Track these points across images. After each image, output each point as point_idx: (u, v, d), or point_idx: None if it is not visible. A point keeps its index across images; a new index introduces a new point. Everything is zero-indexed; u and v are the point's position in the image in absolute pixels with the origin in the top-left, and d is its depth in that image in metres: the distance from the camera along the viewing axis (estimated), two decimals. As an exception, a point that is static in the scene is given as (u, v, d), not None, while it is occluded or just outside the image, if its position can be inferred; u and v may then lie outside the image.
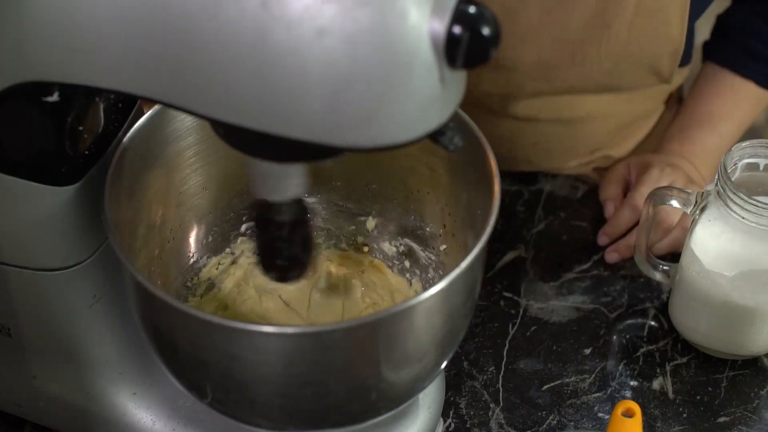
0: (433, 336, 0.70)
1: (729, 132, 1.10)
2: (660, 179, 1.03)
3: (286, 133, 0.58)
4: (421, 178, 0.82)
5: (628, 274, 1.00)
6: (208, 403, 0.72)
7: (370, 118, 0.57)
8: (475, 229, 0.76)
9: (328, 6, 0.54)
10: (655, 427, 0.88)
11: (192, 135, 0.78)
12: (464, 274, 0.67)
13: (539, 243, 1.03)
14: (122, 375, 0.80)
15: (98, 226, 0.71)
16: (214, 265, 0.86)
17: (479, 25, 0.57)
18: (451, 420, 0.88)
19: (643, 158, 1.08)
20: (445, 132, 0.65)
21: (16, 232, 0.71)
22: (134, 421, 0.80)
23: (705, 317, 0.91)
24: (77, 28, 0.59)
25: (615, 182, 1.07)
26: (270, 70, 0.56)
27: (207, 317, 0.65)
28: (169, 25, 0.57)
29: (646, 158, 1.08)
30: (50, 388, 0.81)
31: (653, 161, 1.06)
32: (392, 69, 0.56)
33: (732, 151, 0.88)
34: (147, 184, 0.76)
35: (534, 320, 0.96)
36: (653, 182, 1.02)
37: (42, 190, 0.69)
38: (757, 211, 0.84)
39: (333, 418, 0.72)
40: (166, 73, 0.59)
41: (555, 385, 0.91)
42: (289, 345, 0.66)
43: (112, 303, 0.76)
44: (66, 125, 0.67)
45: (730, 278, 0.87)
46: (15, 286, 0.74)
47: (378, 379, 0.69)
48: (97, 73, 0.61)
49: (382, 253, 0.88)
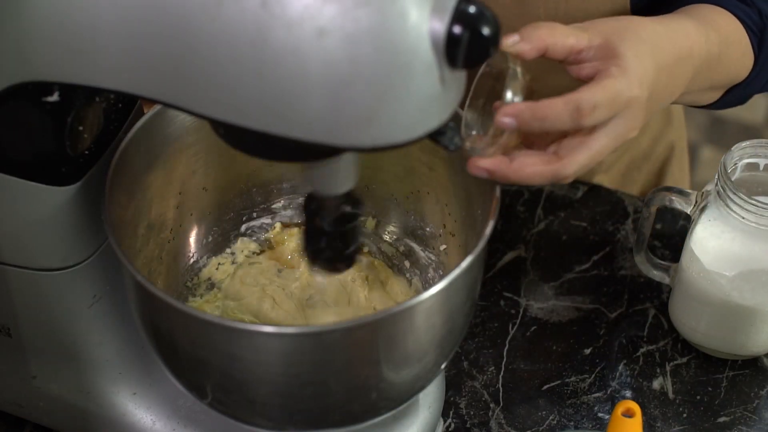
0: (433, 336, 0.70)
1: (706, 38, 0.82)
2: (620, 92, 0.72)
3: (286, 133, 0.58)
4: (421, 178, 0.82)
5: (628, 274, 1.00)
6: (208, 403, 0.72)
7: (370, 118, 0.57)
8: (475, 229, 0.76)
9: (328, 6, 0.54)
10: (655, 427, 0.88)
11: (192, 135, 0.78)
12: (464, 274, 0.67)
13: (539, 243, 1.03)
14: (122, 375, 0.80)
15: (98, 226, 0.71)
16: (214, 265, 0.86)
17: (479, 24, 0.57)
18: (451, 420, 0.88)
19: (610, 40, 0.74)
20: (445, 132, 0.65)
21: (16, 232, 0.71)
22: (134, 421, 0.80)
23: (705, 317, 0.91)
24: (77, 28, 0.59)
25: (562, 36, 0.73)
26: (270, 70, 0.56)
27: (207, 317, 0.65)
28: (170, 25, 0.57)
29: (613, 41, 0.73)
30: (50, 388, 0.81)
31: (622, 50, 0.73)
32: (392, 69, 0.56)
33: (732, 151, 0.88)
34: (147, 184, 0.76)
35: (534, 320, 0.96)
36: (610, 94, 0.71)
37: (42, 190, 0.69)
38: (757, 211, 0.84)
39: (333, 418, 0.72)
40: (167, 73, 0.59)
41: (555, 385, 0.91)
42: (289, 345, 0.66)
43: (112, 303, 0.76)
44: (66, 125, 0.67)
45: (730, 278, 0.87)
46: (15, 286, 0.74)
47: (378, 379, 0.69)
48: (97, 73, 0.61)
49: (382, 253, 0.88)
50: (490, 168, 0.70)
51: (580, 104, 0.70)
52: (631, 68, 0.72)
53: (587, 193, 1.09)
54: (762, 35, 0.88)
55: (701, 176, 2.30)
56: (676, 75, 0.78)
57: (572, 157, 0.71)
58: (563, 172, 0.71)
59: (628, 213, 1.06)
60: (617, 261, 1.01)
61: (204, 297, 0.85)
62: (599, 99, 0.70)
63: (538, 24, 0.72)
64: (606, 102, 0.71)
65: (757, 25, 0.87)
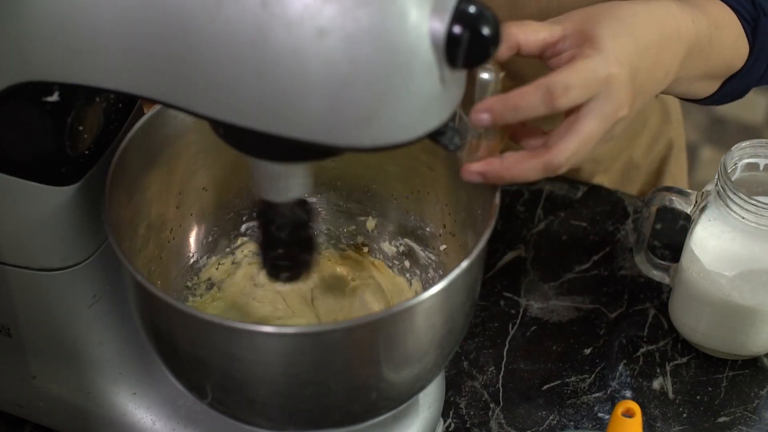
0: (433, 336, 0.70)
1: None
2: (595, 71, 0.71)
3: (286, 133, 0.58)
4: (421, 178, 0.82)
5: (628, 274, 1.00)
6: (208, 403, 0.72)
7: (370, 118, 0.57)
8: (475, 229, 0.76)
9: (328, 6, 0.54)
10: (655, 427, 0.88)
11: (192, 135, 0.78)
12: (464, 274, 0.67)
13: (539, 243, 1.03)
14: (122, 375, 0.80)
15: (98, 226, 0.71)
16: (214, 265, 0.86)
17: (479, 24, 0.57)
18: (451, 420, 0.88)
19: (585, 26, 0.73)
20: (445, 132, 0.65)
21: (16, 232, 0.71)
22: (134, 421, 0.80)
23: (705, 317, 0.91)
24: (77, 27, 0.59)
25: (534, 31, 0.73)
26: (270, 70, 0.56)
27: (207, 317, 0.65)
28: (170, 25, 0.57)
29: (588, 27, 0.73)
30: (50, 388, 0.81)
31: (596, 32, 0.72)
32: (392, 69, 0.56)
33: (732, 151, 0.88)
34: (147, 184, 0.76)
35: (534, 320, 0.96)
36: (583, 74, 0.70)
37: (42, 190, 0.69)
38: (757, 211, 0.84)
39: (333, 418, 0.72)
40: (167, 73, 0.59)
41: (555, 385, 0.91)
42: (289, 345, 0.66)
43: (112, 303, 0.76)
44: (66, 125, 0.67)
45: (730, 278, 0.87)
46: (15, 286, 0.74)
47: (378, 379, 0.69)
48: (97, 73, 0.61)
49: (382, 253, 0.88)
50: (482, 170, 0.70)
51: (550, 86, 0.68)
52: (606, 47, 0.71)
53: (587, 193, 1.09)
54: (756, 24, 0.87)
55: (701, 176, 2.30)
56: (664, 54, 0.77)
57: (561, 145, 0.70)
58: (555, 162, 0.70)
59: (628, 213, 1.06)
60: (617, 261, 1.01)
61: (204, 297, 0.85)
62: (570, 79, 0.69)
63: (507, 23, 0.71)
64: (579, 82, 0.69)
65: (750, 14, 0.86)
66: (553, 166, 0.70)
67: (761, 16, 0.87)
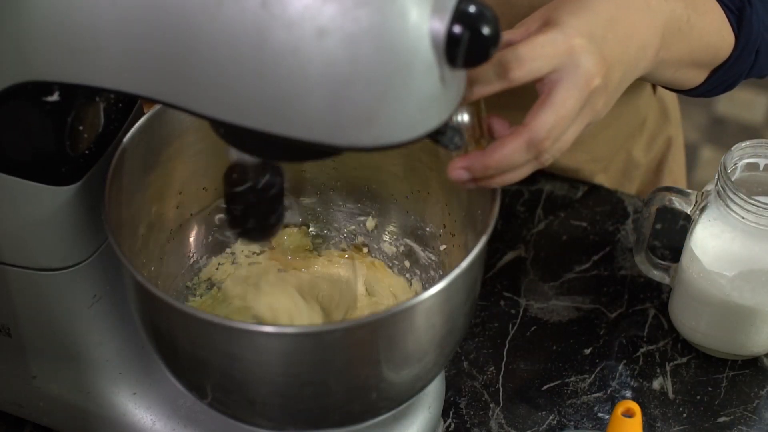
0: (433, 336, 0.70)
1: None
2: (552, 41, 0.71)
3: (286, 132, 0.58)
4: (421, 178, 0.82)
5: (628, 274, 1.00)
6: (208, 403, 0.72)
7: (371, 118, 0.57)
8: (475, 229, 0.76)
9: (328, 6, 0.54)
10: (655, 427, 0.88)
11: (192, 135, 0.78)
12: (464, 274, 0.67)
13: (539, 243, 1.03)
14: (122, 375, 0.80)
15: (98, 226, 0.71)
16: (214, 265, 0.86)
17: (479, 24, 0.57)
18: (451, 420, 0.88)
19: (547, 16, 0.74)
20: (445, 132, 0.65)
21: (16, 232, 0.71)
22: (134, 421, 0.80)
23: (705, 317, 0.91)
24: (77, 27, 0.59)
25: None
26: (270, 70, 0.56)
27: (207, 317, 0.65)
28: (170, 25, 0.57)
29: (549, 16, 0.74)
30: (50, 388, 0.81)
31: (555, 15, 0.73)
32: (392, 69, 0.56)
33: (732, 151, 0.88)
34: (147, 184, 0.76)
35: (534, 320, 0.96)
36: (537, 45, 0.70)
37: (42, 190, 0.69)
38: (757, 211, 0.84)
39: (333, 418, 0.72)
40: (167, 73, 0.59)
41: (555, 385, 0.91)
42: (289, 345, 0.66)
43: (112, 303, 0.76)
44: (66, 125, 0.67)
45: (730, 278, 0.87)
46: (15, 286, 0.74)
47: (378, 379, 0.69)
48: (97, 72, 0.61)
49: (382, 253, 0.88)
50: (466, 164, 0.69)
51: (502, 58, 0.69)
52: (563, 21, 0.72)
53: (587, 193, 1.09)
54: (741, 14, 0.86)
55: (701, 176, 2.30)
56: (635, 26, 0.76)
57: (538, 119, 0.69)
58: (536, 136, 0.69)
59: (628, 213, 1.06)
60: (617, 261, 1.01)
61: (204, 297, 0.85)
62: (523, 51, 0.69)
63: None
64: (533, 54, 0.69)
65: (734, 3, 0.86)
66: (536, 142, 0.69)
67: (746, 5, 0.87)
